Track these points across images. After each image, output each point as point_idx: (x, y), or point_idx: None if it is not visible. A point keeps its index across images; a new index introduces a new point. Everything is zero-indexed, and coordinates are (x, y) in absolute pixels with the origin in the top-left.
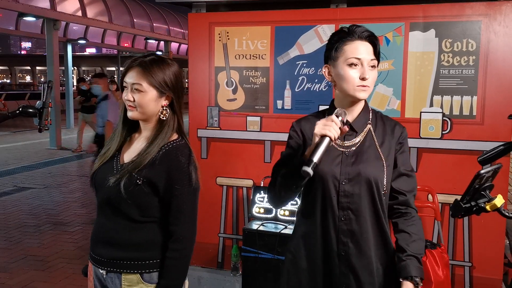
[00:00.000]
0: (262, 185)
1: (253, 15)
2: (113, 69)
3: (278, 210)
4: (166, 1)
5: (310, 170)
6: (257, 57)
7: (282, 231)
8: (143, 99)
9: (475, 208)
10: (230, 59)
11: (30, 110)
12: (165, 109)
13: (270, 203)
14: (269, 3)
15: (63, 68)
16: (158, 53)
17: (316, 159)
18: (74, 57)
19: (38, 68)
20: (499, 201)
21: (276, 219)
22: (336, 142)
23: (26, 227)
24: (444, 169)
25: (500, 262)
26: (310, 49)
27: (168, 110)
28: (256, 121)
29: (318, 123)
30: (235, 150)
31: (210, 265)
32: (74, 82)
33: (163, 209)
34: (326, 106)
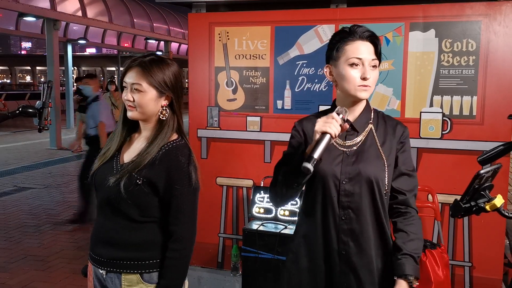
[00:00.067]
0: (262, 185)
1: (253, 15)
2: (113, 69)
3: (278, 210)
4: (166, 1)
5: (310, 166)
6: (257, 57)
7: (282, 231)
8: (143, 99)
9: (475, 208)
10: (230, 59)
11: (30, 110)
12: (164, 109)
13: (271, 202)
14: (269, 3)
15: (63, 68)
16: (158, 53)
17: (316, 156)
18: (74, 57)
19: (38, 68)
20: (499, 201)
21: (276, 219)
22: (337, 141)
23: (26, 227)
24: (444, 169)
25: (500, 262)
26: (310, 49)
27: (167, 110)
28: (256, 121)
29: (319, 121)
30: (235, 150)
31: (210, 265)
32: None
33: (163, 209)
34: (326, 106)
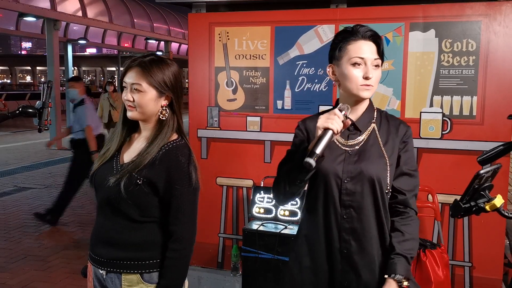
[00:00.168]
0: (262, 185)
1: (253, 15)
2: (113, 69)
3: (278, 210)
4: (166, 1)
5: (312, 161)
6: (257, 57)
7: (282, 231)
8: (143, 99)
9: (475, 208)
10: (230, 59)
11: (30, 110)
12: (164, 109)
13: (275, 200)
14: (269, 3)
15: (63, 68)
16: (158, 53)
17: (318, 151)
18: (75, 57)
19: (38, 68)
20: (499, 201)
21: (276, 219)
22: (339, 140)
23: (26, 227)
24: (444, 169)
25: (500, 262)
26: (310, 49)
27: (167, 110)
28: (256, 121)
29: (321, 117)
30: (235, 150)
31: (210, 265)
32: None
33: (163, 209)
34: (326, 106)
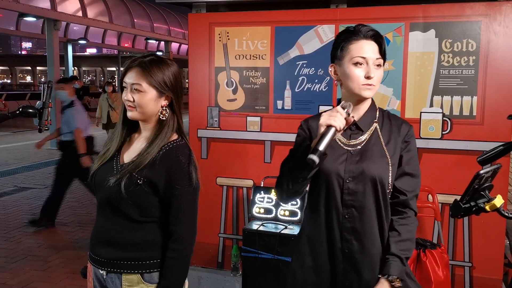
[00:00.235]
0: (262, 185)
1: (253, 15)
2: (113, 69)
3: (278, 210)
4: (167, 1)
5: (315, 158)
6: (257, 57)
7: (282, 231)
8: (143, 99)
9: (475, 208)
10: (230, 59)
11: (30, 111)
12: (164, 109)
13: (278, 198)
14: (269, 3)
15: (64, 68)
16: (159, 53)
17: (321, 148)
18: (75, 57)
19: (38, 68)
20: (499, 201)
21: (276, 219)
22: (341, 140)
23: (26, 227)
24: (444, 169)
25: (500, 262)
26: (310, 49)
27: (167, 110)
28: (256, 121)
29: (324, 114)
30: (235, 150)
31: (210, 265)
32: None
33: (163, 209)
34: (326, 106)
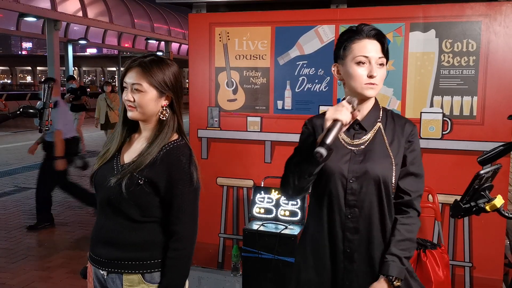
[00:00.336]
0: (262, 185)
1: (253, 16)
2: (113, 69)
3: (279, 210)
4: (167, 1)
5: (323, 151)
6: (257, 57)
7: (282, 232)
8: (143, 99)
9: (475, 208)
10: (231, 60)
11: (31, 111)
12: (165, 109)
13: (284, 195)
14: (269, 4)
15: (64, 68)
16: (159, 53)
17: (328, 141)
18: (75, 57)
19: (39, 68)
20: (499, 201)
21: (276, 219)
22: (345, 140)
23: (26, 227)
24: (444, 169)
25: (500, 263)
26: (310, 49)
27: (168, 110)
28: (256, 121)
29: (330, 109)
30: (236, 150)
31: (210, 265)
32: None
33: (164, 209)
34: (327, 107)
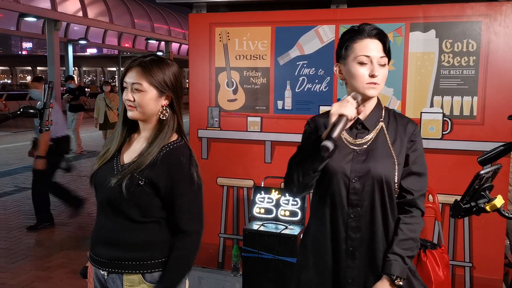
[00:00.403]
0: (262, 185)
1: (253, 16)
2: (113, 69)
3: (279, 210)
4: (167, 1)
5: (330, 144)
6: (257, 57)
7: (282, 232)
8: (143, 99)
9: (475, 208)
10: (231, 60)
11: (31, 111)
12: (165, 109)
13: (288, 193)
14: (269, 4)
15: (64, 68)
16: (159, 53)
17: (334, 135)
18: (75, 57)
19: (39, 68)
20: (499, 201)
21: (276, 220)
22: (347, 139)
23: (27, 227)
24: (444, 169)
25: (500, 263)
26: (310, 49)
27: (168, 110)
28: (256, 121)
29: (334, 105)
30: (236, 150)
31: (210, 265)
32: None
33: (166, 209)
34: (327, 107)
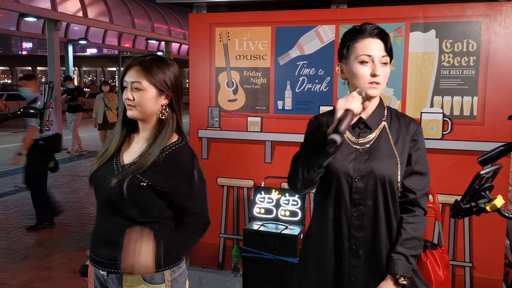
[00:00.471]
0: (262, 185)
1: (253, 16)
2: (114, 69)
3: (279, 210)
4: (167, 1)
5: (338, 137)
6: (257, 57)
7: (282, 232)
8: (143, 98)
9: (475, 208)
10: (231, 60)
11: (31, 111)
12: (164, 108)
13: (292, 190)
14: (269, 4)
15: (64, 68)
16: (159, 53)
17: (341, 129)
18: (75, 57)
19: (39, 68)
20: (499, 201)
21: (276, 220)
22: (350, 138)
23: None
24: (444, 169)
25: (500, 263)
26: (310, 49)
27: (167, 110)
28: (256, 121)
29: (340, 100)
30: (236, 150)
31: (210, 265)
32: (75, 82)
33: (173, 209)
34: (327, 107)
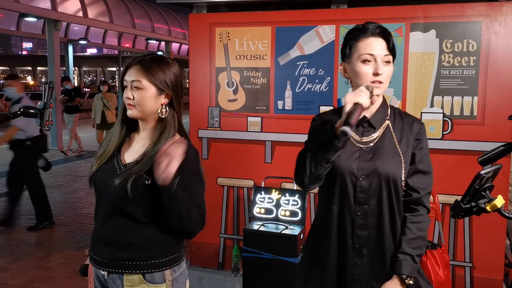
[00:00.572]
0: (262, 185)
1: (253, 16)
2: (114, 69)
3: (279, 210)
4: (167, 1)
5: (348, 129)
6: (257, 57)
7: (282, 232)
8: (143, 97)
9: (476, 208)
10: (231, 60)
11: (32, 111)
12: (164, 107)
13: (299, 186)
14: (269, 4)
15: (64, 68)
16: (159, 53)
17: (351, 121)
18: (75, 57)
19: (39, 68)
20: (499, 201)
21: (276, 220)
22: (354, 137)
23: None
24: (444, 169)
25: (500, 263)
26: (310, 49)
27: (167, 109)
28: (256, 121)
29: (348, 94)
30: (236, 150)
31: (210, 265)
32: (75, 82)
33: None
34: (327, 107)
